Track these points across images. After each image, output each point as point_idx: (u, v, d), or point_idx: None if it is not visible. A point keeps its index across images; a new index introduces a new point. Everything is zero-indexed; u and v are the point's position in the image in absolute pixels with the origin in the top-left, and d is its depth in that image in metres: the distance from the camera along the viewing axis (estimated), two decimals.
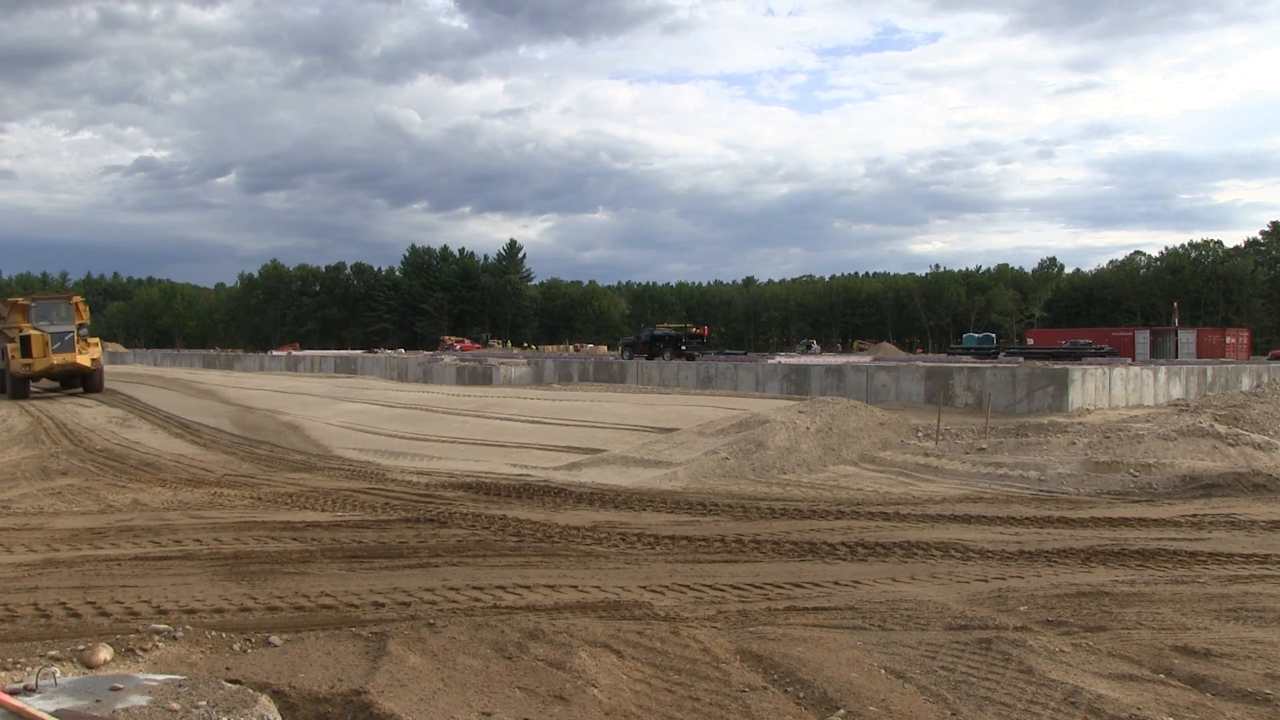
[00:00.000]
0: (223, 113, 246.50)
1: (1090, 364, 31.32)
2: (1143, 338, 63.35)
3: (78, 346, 31.33)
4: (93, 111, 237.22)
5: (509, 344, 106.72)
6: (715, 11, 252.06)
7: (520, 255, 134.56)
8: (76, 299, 33.46)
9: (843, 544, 8.84)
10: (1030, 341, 68.62)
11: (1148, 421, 19.57)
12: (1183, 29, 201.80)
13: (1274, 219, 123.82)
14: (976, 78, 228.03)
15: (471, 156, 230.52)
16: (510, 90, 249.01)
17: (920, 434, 19.01)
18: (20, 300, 34.01)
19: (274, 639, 5.34)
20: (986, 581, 7.32)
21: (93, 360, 31.94)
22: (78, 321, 32.22)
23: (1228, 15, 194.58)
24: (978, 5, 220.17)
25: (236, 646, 5.24)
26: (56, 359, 30.61)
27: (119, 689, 3.79)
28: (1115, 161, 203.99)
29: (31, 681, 3.81)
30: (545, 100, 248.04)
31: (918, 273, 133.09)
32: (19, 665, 4.80)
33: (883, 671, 5.02)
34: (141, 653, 5.10)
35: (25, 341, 30.25)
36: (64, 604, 6.31)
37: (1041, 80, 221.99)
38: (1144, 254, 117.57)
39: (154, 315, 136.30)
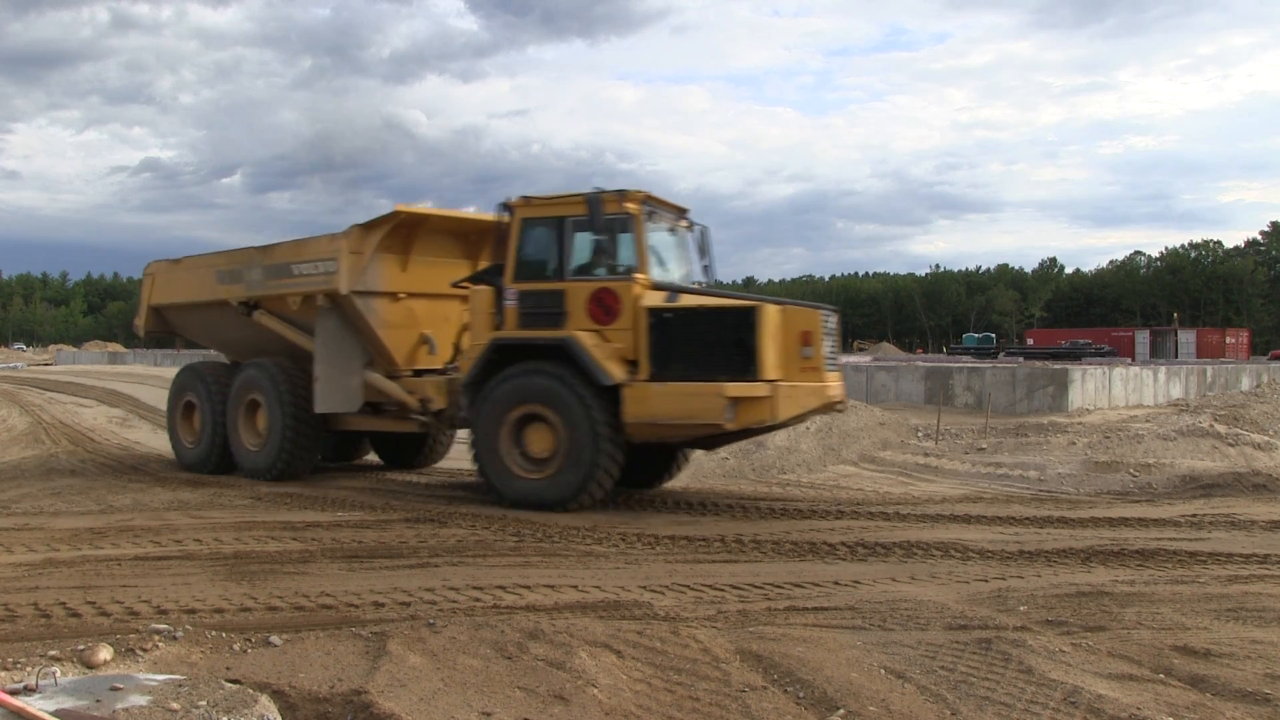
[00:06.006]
0: (230, 113, 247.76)
1: (1090, 364, 31.33)
2: (1143, 338, 63.41)
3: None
4: (100, 112, 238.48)
5: None
6: (724, 13, 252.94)
7: None
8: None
9: (843, 544, 8.84)
10: (1030, 341, 68.69)
11: (1148, 421, 19.57)
12: (1189, 30, 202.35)
13: (1275, 219, 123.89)
14: (983, 78, 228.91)
15: (477, 157, 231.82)
16: (517, 90, 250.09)
17: (920, 434, 19.00)
18: (619, 198, 10.15)
19: (274, 639, 5.34)
20: (986, 581, 7.31)
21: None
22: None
23: (1235, 17, 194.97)
24: (986, 6, 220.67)
25: (236, 646, 5.25)
26: (808, 390, 10.00)
27: (119, 689, 3.79)
28: (1119, 162, 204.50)
29: (31, 681, 3.82)
30: (552, 100, 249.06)
31: (918, 273, 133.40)
32: (19, 665, 4.80)
33: (882, 671, 5.02)
34: (141, 653, 5.10)
35: (744, 331, 9.72)
36: (64, 604, 6.31)
37: (1048, 81, 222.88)
38: (1144, 254, 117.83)
39: None
